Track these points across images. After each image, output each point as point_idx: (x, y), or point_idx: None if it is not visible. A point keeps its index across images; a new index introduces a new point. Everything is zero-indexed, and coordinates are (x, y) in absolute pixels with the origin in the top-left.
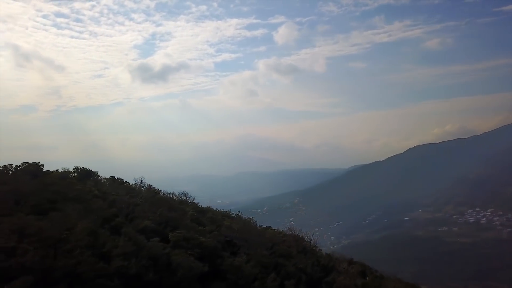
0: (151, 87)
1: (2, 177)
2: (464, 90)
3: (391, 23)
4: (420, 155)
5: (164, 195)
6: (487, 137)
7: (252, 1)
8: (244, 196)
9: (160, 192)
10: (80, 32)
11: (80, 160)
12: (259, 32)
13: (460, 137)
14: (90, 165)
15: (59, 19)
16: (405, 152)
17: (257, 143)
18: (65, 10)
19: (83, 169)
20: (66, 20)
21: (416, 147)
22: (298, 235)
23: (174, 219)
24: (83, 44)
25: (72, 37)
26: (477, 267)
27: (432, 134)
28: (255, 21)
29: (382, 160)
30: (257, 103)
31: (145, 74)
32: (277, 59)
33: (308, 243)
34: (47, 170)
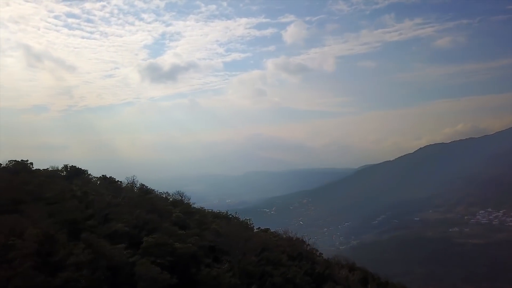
0: (161, 87)
1: None
2: (477, 89)
3: (402, 22)
4: (431, 155)
5: (156, 196)
6: (500, 137)
7: (262, 0)
8: (253, 196)
9: (153, 192)
10: (91, 33)
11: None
12: (269, 32)
13: (472, 137)
14: (101, 164)
15: (70, 20)
16: (416, 152)
17: (266, 143)
18: (76, 11)
19: (72, 168)
20: (77, 21)
21: (427, 147)
22: (294, 238)
23: (153, 222)
24: (94, 44)
25: (83, 38)
26: (489, 269)
27: (443, 134)
28: (265, 21)
29: (392, 160)
30: (266, 103)
31: (155, 74)
32: (286, 59)
33: (307, 247)
34: (37, 169)
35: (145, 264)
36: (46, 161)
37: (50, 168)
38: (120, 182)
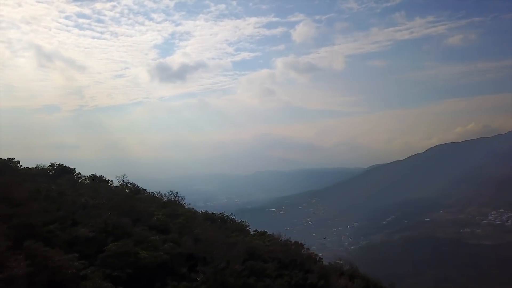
0: (170, 87)
1: None
2: (489, 88)
3: (413, 20)
4: (442, 155)
5: (148, 196)
6: None
7: None
8: (262, 195)
9: (144, 192)
10: (101, 33)
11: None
12: (278, 31)
13: (484, 136)
14: (111, 164)
15: (81, 20)
16: (426, 152)
17: (275, 142)
18: (87, 11)
19: (60, 166)
20: (88, 21)
21: (438, 146)
22: (291, 243)
23: (124, 226)
24: (104, 45)
25: (94, 38)
26: (501, 271)
27: (454, 133)
28: (274, 20)
29: (402, 160)
30: (275, 102)
31: (165, 74)
32: (295, 58)
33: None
34: (26, 167)
35: (94, 279)
36: (58, 161)
37: (39, 167)
38: (111, 182)
